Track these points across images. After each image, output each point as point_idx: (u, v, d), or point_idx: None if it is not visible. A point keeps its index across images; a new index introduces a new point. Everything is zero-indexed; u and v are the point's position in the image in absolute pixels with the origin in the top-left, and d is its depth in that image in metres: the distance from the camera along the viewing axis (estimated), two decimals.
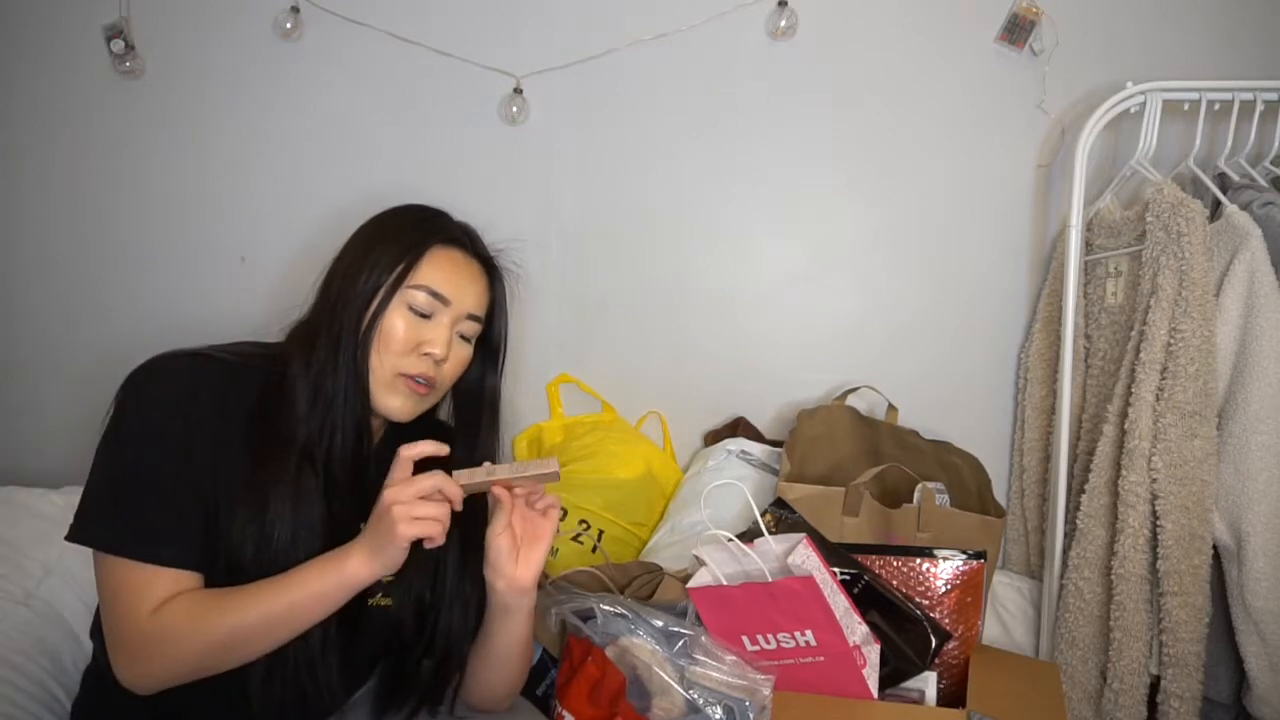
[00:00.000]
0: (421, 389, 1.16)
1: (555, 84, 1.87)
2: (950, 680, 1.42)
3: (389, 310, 1.14)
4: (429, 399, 1.19)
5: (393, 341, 1.14)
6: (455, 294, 1.18)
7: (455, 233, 1.23)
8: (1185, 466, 1.49)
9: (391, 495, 1.02)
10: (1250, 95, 1.59)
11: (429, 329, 1.16)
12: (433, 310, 1.16)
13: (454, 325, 1.19)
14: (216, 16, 1.90)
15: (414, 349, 1.15)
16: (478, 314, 1.22)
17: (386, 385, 1.15)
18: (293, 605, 1.02)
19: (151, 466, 1.05)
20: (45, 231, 1.99)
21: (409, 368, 1.15)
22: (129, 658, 1.03)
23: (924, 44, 1.81)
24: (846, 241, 1.89)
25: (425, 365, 1.15)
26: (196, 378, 1.09)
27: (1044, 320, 1.78)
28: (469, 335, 1.22)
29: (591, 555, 1.69)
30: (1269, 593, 1.48)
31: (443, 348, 1.16)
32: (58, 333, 2.00)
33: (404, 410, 1.16)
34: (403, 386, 1.15)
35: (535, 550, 1.13)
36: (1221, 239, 1.54)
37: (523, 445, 1.99)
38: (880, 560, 1.44)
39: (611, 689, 1.17)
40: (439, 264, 1.18)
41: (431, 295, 1.16)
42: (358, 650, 1.18)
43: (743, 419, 1.92)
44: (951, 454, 1.74)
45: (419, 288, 1.15)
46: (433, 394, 1.19)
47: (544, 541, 1.14)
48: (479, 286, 1.23)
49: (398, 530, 1.00)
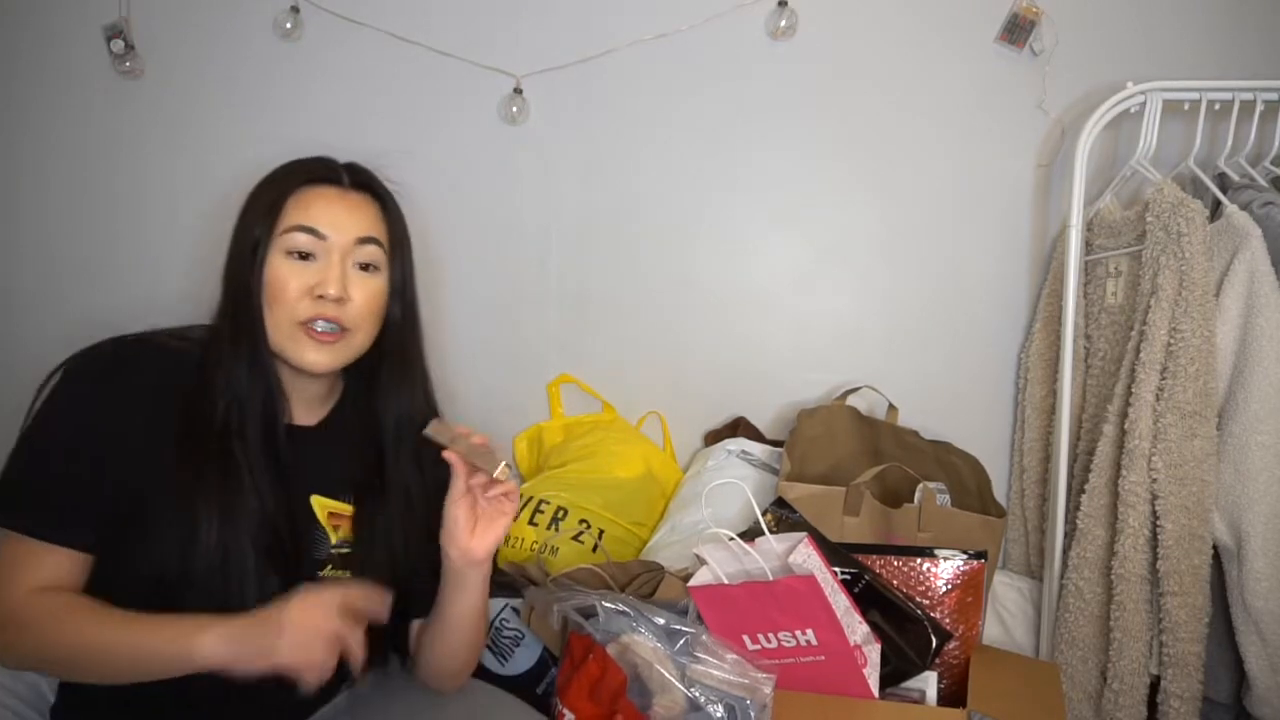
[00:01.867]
0: (327, 336, 1.09)
1: (555, 84, 1.87)
2: (951, 680, 1.42)
3: (269, 262, 1.08)
4: (345, 345, 1.11)
5: (282, 292, 1.07)
6: (332, 226, 1.10)
7: (321, 171, 1.15)
8: (1185, 466, 1.49)
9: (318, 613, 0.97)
10: (1250, 95, 1.59)
11: (315, 270, 1.09)
12: (314, 249, 1.09)
13: (345, 259, 1.10)
14: (216, 17, 1.90)
15: (307, 294, 1.08)
16: (372, 236, 1.13)
17: (290, 340, 1.09)
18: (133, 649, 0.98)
19: (58, 448, 1.02)
20: (45, 231, 1.99)
21: (304, 313, 1.08)
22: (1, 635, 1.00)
23: (924, 44, 1.81)
24: (847, 241, 1.89)
25: (321, 307, 1.08)
26: (126, 364, 1.07)
27: (1044, 320, 1.78)
28: (372, 263, 1.13)
29: (592, 554, 1.69)
30: (1269, 593, 1.48)
31: (336, 285, 1.08)
32: (57, 332, 2.00)
33: (319, 362, 1.09)
34: (303, 336, 1.08)
35: (494, 525, 1.09)
36: (1221, 239, 1.54)
37: (523, 445, 1.99)
38: (881, 560, 1.44)
39: (612, 687, 1.17)
40: (308, 202, 1.10)
41: (306, 232, 1.08)
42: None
43: (743, 419, 1.92)
44: (951, 454, 1.74)
45: (292, 229, 1.08)
46: (348, 337, 1.11)
47: (505, 518, 1.10)
48: (364, 213, 1.13)
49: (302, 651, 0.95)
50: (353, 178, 1.16)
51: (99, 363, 1.07)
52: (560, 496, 1.75)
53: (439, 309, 1.95)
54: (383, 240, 1.14)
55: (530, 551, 1.69)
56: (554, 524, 1.72)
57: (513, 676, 1.48)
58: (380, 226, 1.15)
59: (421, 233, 1.90)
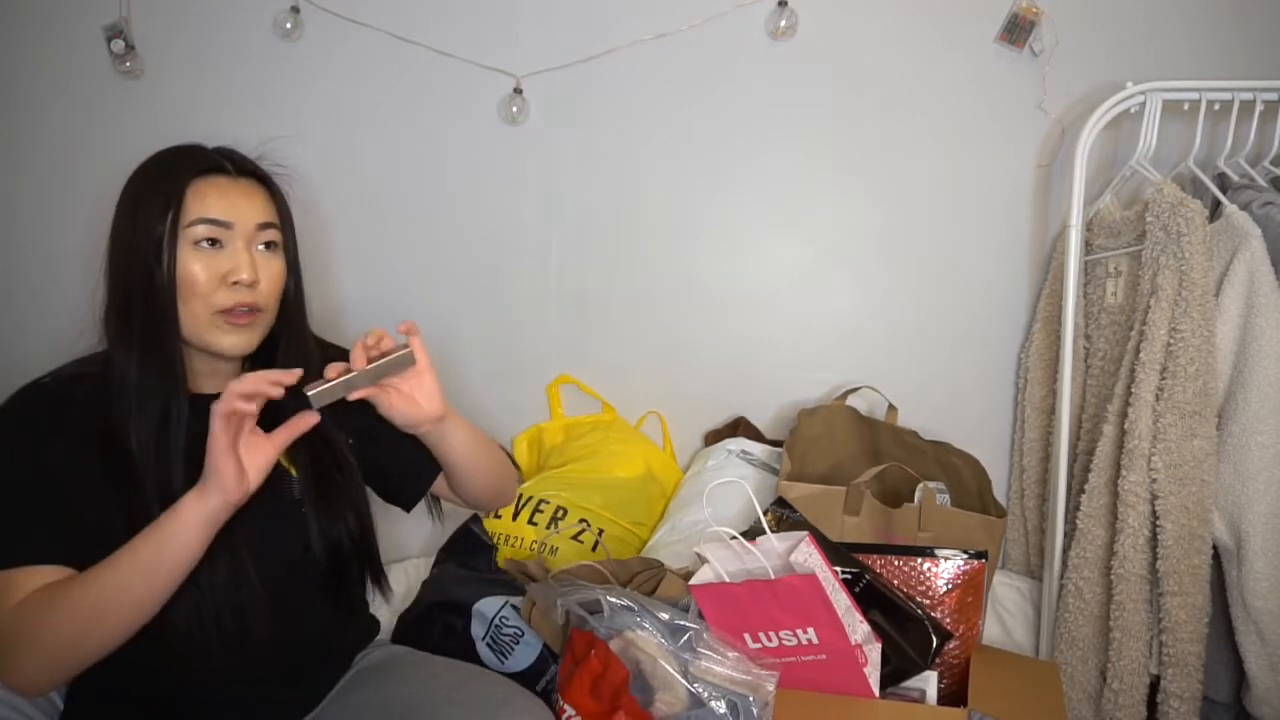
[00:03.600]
0: (243, 318, 1.12)
1: (555, 84, 1.87)
2: (951, 679, 1.42)
3: (179, 258, 1.10)
4: (258, 324, 1.15)
5: (196, 285, 1.10)
6: (233, 214, 1.12)
7: (209, 161, 1.16)
8: (1185, 466, 1.49)
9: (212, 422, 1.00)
10: (1250, 95, 1.59)
11: (225, 258, 1.11)
12: (219, 237, 1.11)
13: (250, 244, 1.14)
14: (216, 16, 1.90)
15: (220, 283, 1.11)
16: (269, 221, 1.17)
17: (210, 328, 1.11)
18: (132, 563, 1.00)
19: (7, 492, 1.04)
20: (45, 231, 1.98)
21: (222, 302, 1.10)
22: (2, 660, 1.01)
23: (924, 44, 1.81)
24: (847, 241, 1.89)
25: (239, 294, 1.11)
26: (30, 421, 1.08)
27: (1044, 320, 1.79)
28: (273, 243, 1.17)
29: (592, 554, 1.69)
30: (1269, 593, 1.48)
31: (249, 270, 1.11)
32: (61, 333, 1.99)
33: (238, 344, 1.13)
34: (223, 323, 1.11)
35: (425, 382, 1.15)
36: (1221, 239, 1.54)
37: (523, 446, 1.99)
38: (881, 560, 1.44)
39: (614, 683, 1.17)
40: (204, 193, 1.12)
41: (210, 223, 1.11)
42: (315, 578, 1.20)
43: (743, 419, 1.92)
44: (951, 454, 1.74)
45: (195, 222, 1.10)
46: (261, 317, 1.15)
47: (427, 372, 1.15)
48: (257, 199, 1.16)
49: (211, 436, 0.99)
50: (237, 165, 1.18)
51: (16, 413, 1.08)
52: (560, 496, 1.75)
53: (439, 309, 1.96)
54: (276, 222, 1.18)
55: (530, 550, 1.69)
56: (553, 523, 1.72)
57: (513, 674, 1.48)
58: (271, 209, 1.18)
59: (422, 233, 1.93)
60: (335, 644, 1.28)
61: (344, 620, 1.29)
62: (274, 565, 1.14)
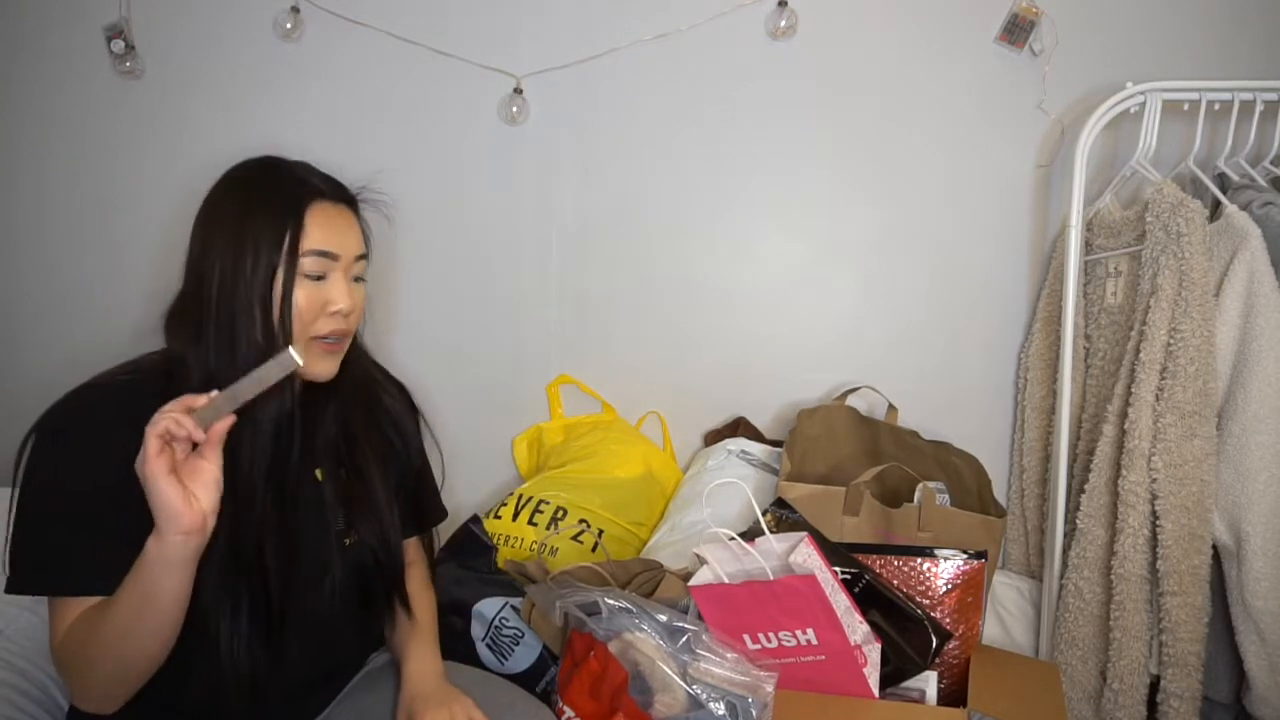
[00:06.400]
0: (336, 346, 1.16)
1: (555, 84, 1.87)
2: (951, 680, 1.42)
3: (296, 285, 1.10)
4: (342, 349, 1.19)
5: (302, 313, 1.11)
6: (341, 246, 1.14)
7: (320, 185, 1.17)
8: (1185, 466, 1.49)
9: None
10: (1250, 95, 1.59)
11: (328, 288, 1.14)
12: (326, 270, 1.13)
13: (348, 274, 1.17)
14: (216, 16, 1.90)
15: (320, 311, 1.13)
16: (364, 253, 1.20)
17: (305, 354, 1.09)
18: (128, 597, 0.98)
19: (53, 518, 1.03)
20: (44, 232, 1.99)
21: (320, 330, 1.13)
22: (67, 684, 1.02)
23: (924, 44, 1.81)
24: (847, 241, 1.89)
25: (335, 323, 1.14)
26: (89, 415, 1.07)
27: (1044, 320, 1.79)
28: (361, 274, 1.21)
29: (592, 554, 1.69)
30: (1269, 593, 1.48)
31: (346, 301, 1.14)
32: (55, 333, 2.00)
33: (328, 371, 1.16)
34: (318, 349, 1.14)
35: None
36: (1221, 239, 1.54)
37: (523, 446, 1.99)
38: (881, 560, 1.44)
39: (613, 684, 1.17)
40: (319, 223, 1.13)
41: (321, 255, 1.12)
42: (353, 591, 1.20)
43: (743, 419, 1.92)
44: (951, 454, 1.74)
45: (309, 254, 1.11)
46: (345, 342, 1.19)
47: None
48: (355, 229, 1.19)
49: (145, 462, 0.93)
50: (339, 191, 1.19)
51: (65, 420, 1.07)
52: (560, 496, 1.75)
53: (439, 309, 1.96)
54: (367, 253, 1.21)
55: (530, 551, 1.69)
56: (553, 524, 1.72)
57: (512, 675, 1.48)
58: (363, 239, 1.21)
59: (422, 233, 1.93)
60: (354, 655, 1.30)
61: (366, 633, 1.30)
62: (304, 588, 1.14)
